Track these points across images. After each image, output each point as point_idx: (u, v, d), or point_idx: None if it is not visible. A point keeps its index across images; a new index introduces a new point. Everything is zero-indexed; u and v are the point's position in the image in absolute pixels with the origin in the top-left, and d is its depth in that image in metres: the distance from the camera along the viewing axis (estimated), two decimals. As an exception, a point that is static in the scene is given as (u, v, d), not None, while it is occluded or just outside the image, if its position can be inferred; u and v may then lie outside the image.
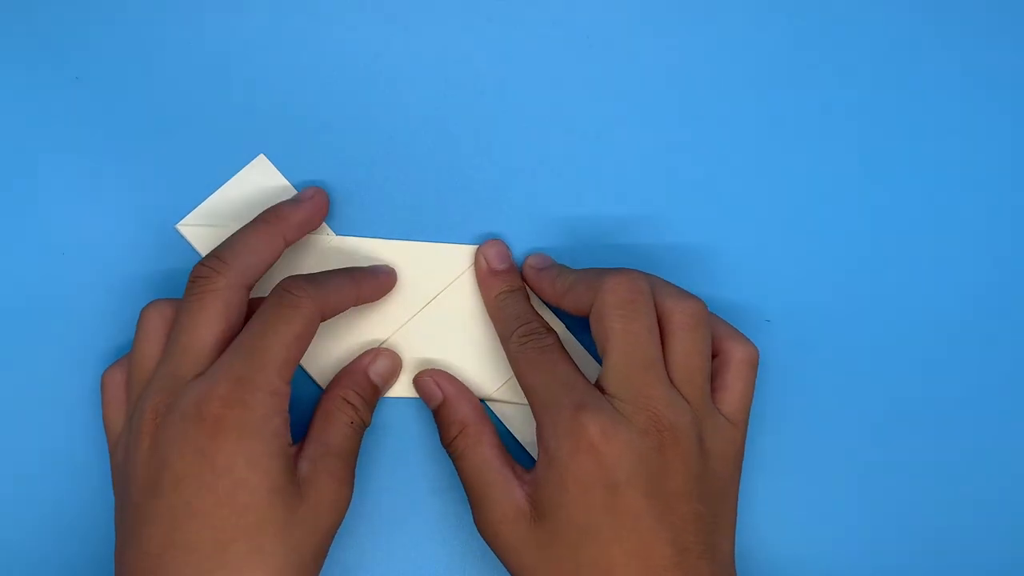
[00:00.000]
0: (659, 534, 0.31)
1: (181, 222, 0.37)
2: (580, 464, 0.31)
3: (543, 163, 0.39)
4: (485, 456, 0.34)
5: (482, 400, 0.37)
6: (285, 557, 0.30)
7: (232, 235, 0.34)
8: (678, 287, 0.34)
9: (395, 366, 0.37)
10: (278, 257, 0.35)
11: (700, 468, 0.32)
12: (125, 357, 0.34)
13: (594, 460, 0.31)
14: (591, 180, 0.39)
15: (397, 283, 0.37)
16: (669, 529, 0.31)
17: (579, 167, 0.39)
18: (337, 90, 0.38)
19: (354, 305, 0.35)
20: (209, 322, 0.32)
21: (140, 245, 0.37)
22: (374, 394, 0.36)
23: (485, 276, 0.37)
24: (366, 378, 0.36)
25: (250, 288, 0.33)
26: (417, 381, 0.37)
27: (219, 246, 0.34)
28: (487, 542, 0.33)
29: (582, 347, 0.38)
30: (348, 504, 0.33)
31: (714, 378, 0.34)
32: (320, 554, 0.32)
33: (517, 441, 0.38)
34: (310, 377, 0.37)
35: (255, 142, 0.38)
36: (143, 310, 0.34)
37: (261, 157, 0.38)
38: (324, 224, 0.38)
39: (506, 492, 0.33)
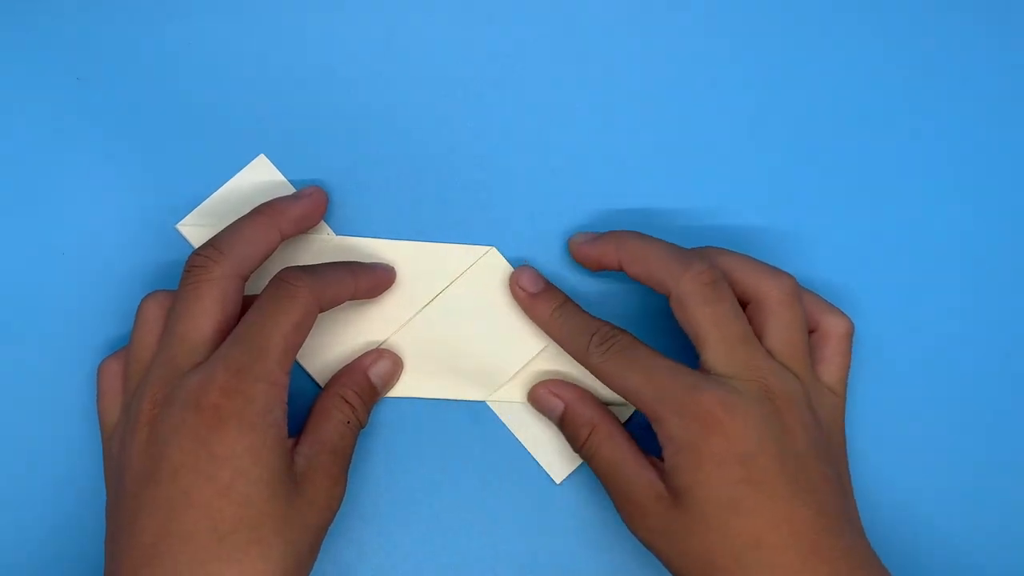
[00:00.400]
0: (798, 496, 0.31)
1: (181, 222, 0.37)
2: (710, 443, 0.31)
3: (543, 162, 0.39)
4: (620, 450, 0.34)
5: (482, 400, 0.37)
6: (283, 549, 0.30)
7: (228, 226, 0.34)
8: (765, 264, 0.35)
9: (396, 368, 0.37)
10: (273, 250, 0.34)
11: (817, 432, 0.32)
12: (123, 349, 0.34)
13: (723, 435, 0.31)
14: (591, 179, 0.39)
15: (397, 282, 0.37)
16: (807, 491, 0.31)
17: (579, 166, 0.39)
18: (337, 90, 0.38)
19: (351, 299, 0.35)
20: (205, 311, 0.32)
21: (140, 245, 0.37)
22: (372, 395, 0.36)
23: (528, 302, 0.37)
24: (366, 379, 0.36)
25: (245, 279, 0.33)
26: (534, 397, 0.37)
27: (215, 236, 0.34)
28: (635, 535, 0.34)
29: None
30: (340, 502, 0.33)
31: (813, 351, 0.35)
32: (315, 549, 0.32)
33: (519, 443, 0.37)
34: (308, 375, 0.37)
35: (255, 142, 0.38)
36: (142, 300, 0.34)
37: (261, 157, 0.38)
38: (324, 224, 0.38)
39: (643, 478, 0.33)
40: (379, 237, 0.38)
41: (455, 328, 0.38)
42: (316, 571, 0.33)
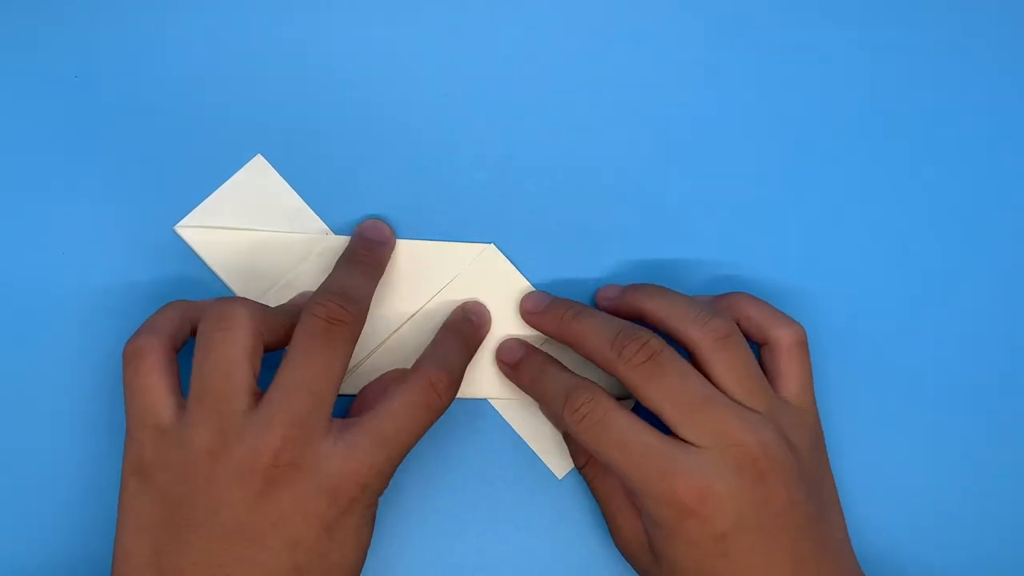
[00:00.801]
0: (774, 556, 0.31)
1: (179, 224, 0.37)
2: (685, 528, 0.31)
3: (543, 162, 0.39)
4: (611, 486, 0.35)
5: (484, 398, 0.38)
6: None
7: (344, 273, 0.34)
8: (692, 306, 0.34)
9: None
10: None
11: (797, 471, 0.32)
12: (155, 329, 0.32)
13: (697, 522, 0.31)
14: (592, 179, 0.39)
15: (397, 280, 0.37)
16: (784, 547, 0.31)
17: (579, 166, 0.39)
18: (334, 89, 0.38)
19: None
20: (341, 373, 0.31)
21: (138, 246, 0.37)
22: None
23: (511, 371, 0.37)
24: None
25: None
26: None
27: (338, 283, 0.33)
28: (625, 559, 0.35)
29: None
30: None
31: (768, 366, 0.35)
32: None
33: (520, 439, 0.38)
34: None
35: (252, 142, 0.38)
36: (233, 306, 0.31)
37: (259, 157, 0.38)
38: (323, 223, 0.38)
39: (630, 522, 0.34)
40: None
41: (456, 326, 0.38)
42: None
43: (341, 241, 0.37)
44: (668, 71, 0.40)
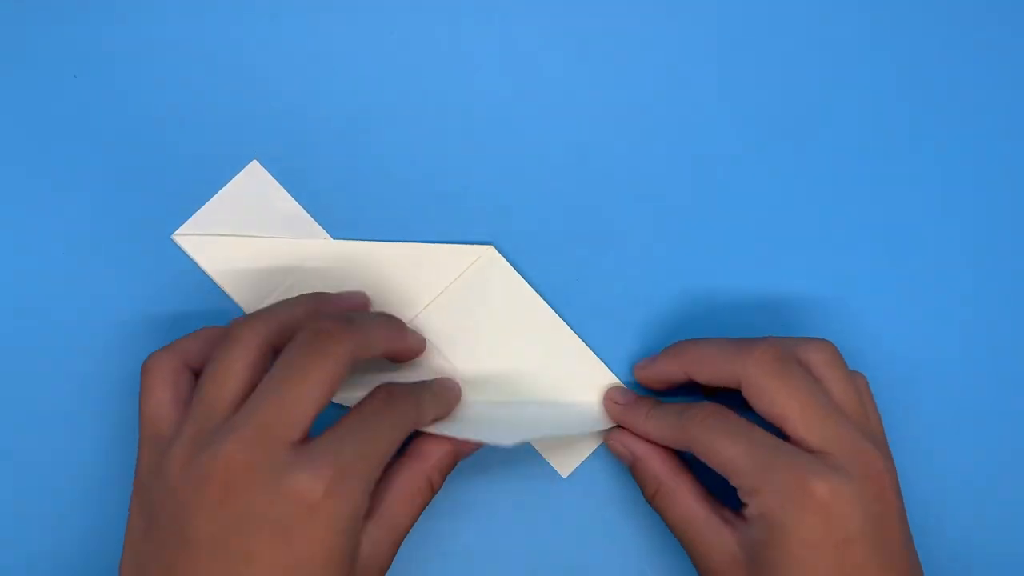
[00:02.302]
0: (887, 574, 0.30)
1: (177, 232, 0.37)
2: (808, 525, 0.30)
3: (542, 164, 0.39)
4: (687, 508, 0.33)
5: (486, 400, 0.38)
6: None
7: (355, 313, 0.34)
8: (793, 337, 0.34)
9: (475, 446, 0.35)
10: (383, 351, 0.34)
11: (902, 507, 0.32)
12: (173, 345, 0.33)
13: (823, 519, 0.30)
14: (591, 181, 0.39)
15: (396, 285, 0.37)
16: (896, 566, 0.31)
17: (578, 167, 0.39)
18: (329, 93, 0.38)
19: (384, 355, 0.35)
20: (320, 388, 0.30)
21: (135, 255, 0.37)
22: (452, 468, 0.35)
23: (623, 412, 0.36)
24: (454, 456, 0.34)
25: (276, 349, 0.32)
26: (609, 445, 0.37)
27: (344, 315, 0.33)
28: None
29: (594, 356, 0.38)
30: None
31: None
32: None
33: (520, 441, 0.38)
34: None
35: (247, 148, 0.38)
36: (235, 330, 0.31)
37: (254, 163, 0.38)
38: (320, 228, 0.38)
39: (717, 541, 0.32)
40: (375, 240, 0.38)
41: (455, 330, 0.37)
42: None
43: (339, 245, 0.37)
44: (669, 71, 0.39)
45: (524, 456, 0.38)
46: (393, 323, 0.35)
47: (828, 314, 0.39)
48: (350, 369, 0.31)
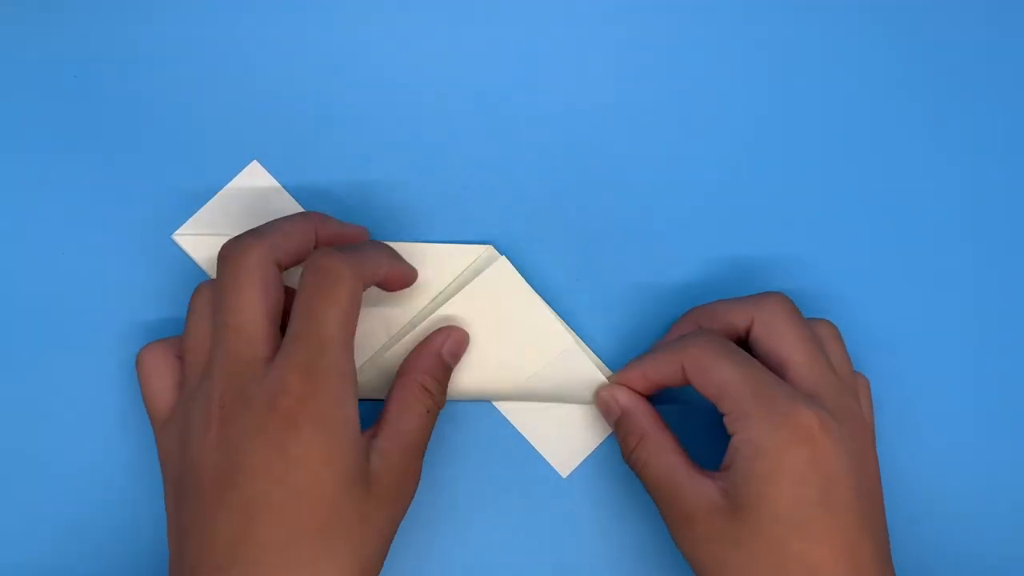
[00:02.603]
0: (866, 530, 0.30)
1: (177, 232, 0.37)
2: (796, 455, 0.30)
3: (542, 163, 0.39)
4: (669, 461, 0.33)
5: (486, 399, 0.38)
6: (352, 554, 0.30)
7: (368, 247, 0.34)
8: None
9: (465, 339, 0.37)
10: (309, 250, 0.33)
11: (878, 469, 0.33)
12: (168, 338, 0.34)
13: (811, 451, 0.30)
14: (591, 180, 0.39)
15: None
16: (874, 526, 0.31)
17: (578, 167, 0.39)
18: (328, 93, 0.38)
19: (381, 283, 0.35)
20: (252, 300, 0.31)
21: (136, 255, 0.37)
22: (447, 375, 0.36)
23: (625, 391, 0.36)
24: (442, 361, 0.35)
25: (283, 268, 0.33)
26: (597, 400, 0.37)
27: (341, 248, 0.33)
28: (678, 543, 0.33)
29: (594, 355, 0.38)
30: (413, 496, 0.33)
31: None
32: (384, 550, 0.32)
33: (524, 438, 0.38)
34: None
35: (247, 148, 0.38)
36: (195, 292, 0.33)
37: (254, 163, 0.38)
38: (320, 228, 0.38)
39: (697, 489, 0.32)
40: (374, 239, 0.38)
41: (460, 326, 0.37)
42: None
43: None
44: (668, 71, 0.39)
45: (524, 456, 0.38)
46: (390, 251, 0.35)
47: (828, 314, 0.39)
48: (361, 292, 0.32)
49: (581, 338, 0.38)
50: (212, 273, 0.37)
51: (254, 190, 0.37)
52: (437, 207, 0.38)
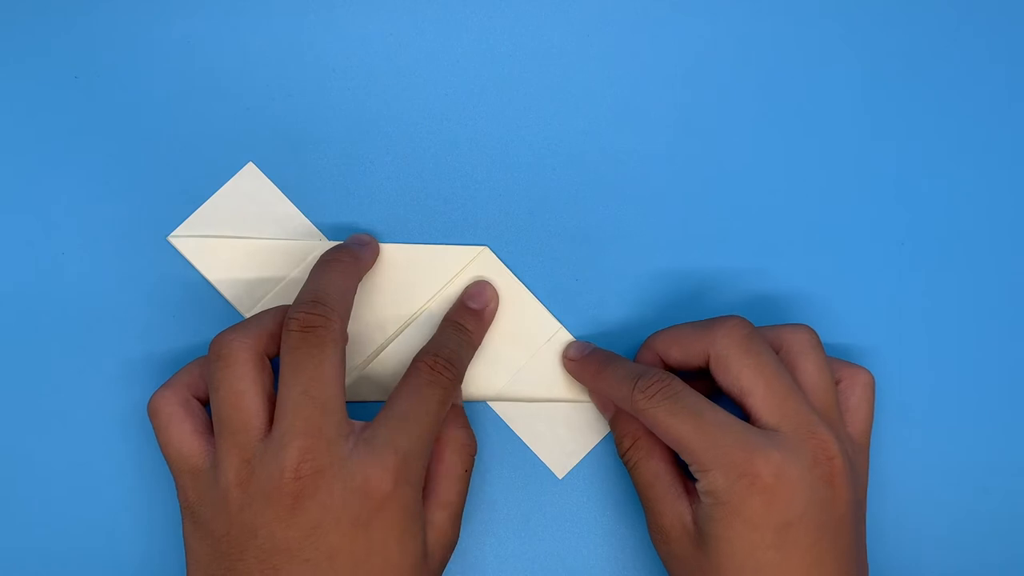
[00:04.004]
0: (825, 566, 0.31)
1: (172, 234, 0.37)
2: (751, 506, 0.31)
3: (536, 165, 0.38)
4: (656, 469, 0.34)
5: (481, 399, 0.38)
6: None
7: (319, 277, 0.34)
8: (774, 325, 0.35)
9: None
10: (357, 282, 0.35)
11: (854, 493, 0.32)
12: (170, 383, 0.33)
13: (766, 501, 0.30)
14: (585, 182, 0.38)
15: (392, 286, 0.37)
16: (834, 559, 0.31)
17: (573, 168, 0.38)
18: (324, 95, 0.38)
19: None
20: (336, 376, 0.31)
21: (131, 257, 0.37)
22: (466, 417, 0.36)
23: (575, 366, 0.37)
24: (456, 407, 0.36)
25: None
26: (591, 397, 0.37)
27: (312, 289, 0.33)
28: (656, 548, 0.34)
29: None
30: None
31: (839, 402, 0.34)
32: None
33: (520, 440, 0.38)
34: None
35: (243, 150, 0.38)
36: (229, 342, 0.32)
37: (250, 165, 0.38)
38: (316, 229, 0.38)
39: (674, 507, 0.33)
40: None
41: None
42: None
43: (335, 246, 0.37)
44: (666, 71, 0.39)
45: (520, 457, 0.38)
46: (349, 269, 0.35)
47: (828, 312, 0.38)
48: (346, 338, 0.32)
49: (577, 338, 0.38)
50: (208, 276, 0.37)
51: (250, 192, 0.37)
52: (432, 209, 0.38)
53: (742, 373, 0.32)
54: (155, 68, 0.38)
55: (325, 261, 0.34)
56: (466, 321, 0.36)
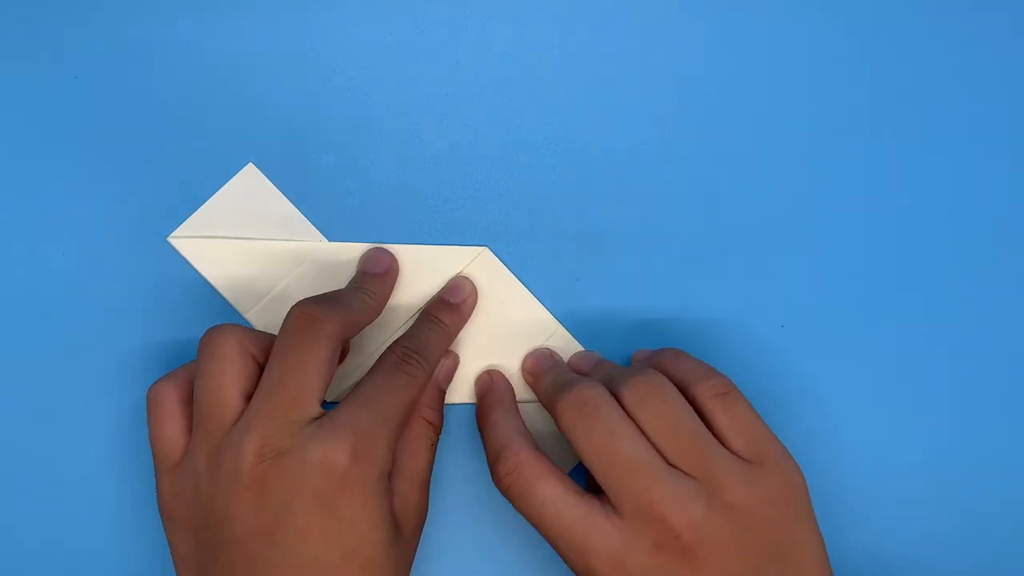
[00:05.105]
0: None
1: (172, 234, 0.37)
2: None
3: (537, 165, 0.38)
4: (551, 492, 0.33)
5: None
6: None
7: (336, 291, 0.35)
8: (622, 368, 0.34)
9: (456, 362, 0.37)
10: (370, 320, 0.35)
11: (737, 542, 0.30)
12: (177, 374, 0.33)
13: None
14: (585, 182, 0.38)
15: (394, 287, 0.37)
16: None
17: (573, 169, 0.38)
18: (324, 95, 0.38)
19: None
20: (319, 369, 0.31)
21: (131, 258, 0.37)
22: (443, 399, 0.36)
23: (529, 379, 0.37)
24: (438, 389, 0.36)
25: (344, 342, 0.33)
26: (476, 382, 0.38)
27: (324, 294, 0.34)
28: None
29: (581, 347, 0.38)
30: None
31: (708, 424, 0.33)
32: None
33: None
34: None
35: (243, 150, 0.38)
36: (217, 333, 0.32)
37: (250, 165, 0.38)
38: (315, 230, 0.38)
39: (595, 535, 0.31)
40: (371, 242, 0.38)
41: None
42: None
43: (335, 247, 0.37)
44: (666, 71, 0.39)
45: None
46: (368, 298, 0.35)
47: (829, 312, 0.38)
48: (342, 343, 0.32)
49: (576, 339, 0.38)
50: (208, 276, 0.37)
51: (250, 193, 0.37)
52: (432, 209, 0.38)
53: (578, 451, 0.32)
54: (155, 68, 0.38)
55: (353, 286, 0.36)
56: (441, 314, 0.36)
